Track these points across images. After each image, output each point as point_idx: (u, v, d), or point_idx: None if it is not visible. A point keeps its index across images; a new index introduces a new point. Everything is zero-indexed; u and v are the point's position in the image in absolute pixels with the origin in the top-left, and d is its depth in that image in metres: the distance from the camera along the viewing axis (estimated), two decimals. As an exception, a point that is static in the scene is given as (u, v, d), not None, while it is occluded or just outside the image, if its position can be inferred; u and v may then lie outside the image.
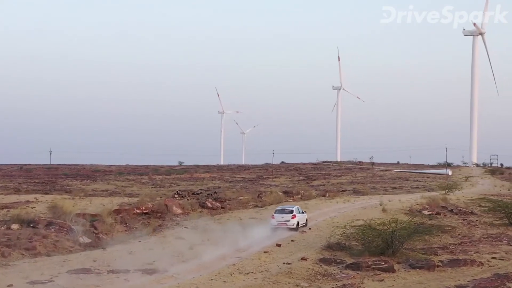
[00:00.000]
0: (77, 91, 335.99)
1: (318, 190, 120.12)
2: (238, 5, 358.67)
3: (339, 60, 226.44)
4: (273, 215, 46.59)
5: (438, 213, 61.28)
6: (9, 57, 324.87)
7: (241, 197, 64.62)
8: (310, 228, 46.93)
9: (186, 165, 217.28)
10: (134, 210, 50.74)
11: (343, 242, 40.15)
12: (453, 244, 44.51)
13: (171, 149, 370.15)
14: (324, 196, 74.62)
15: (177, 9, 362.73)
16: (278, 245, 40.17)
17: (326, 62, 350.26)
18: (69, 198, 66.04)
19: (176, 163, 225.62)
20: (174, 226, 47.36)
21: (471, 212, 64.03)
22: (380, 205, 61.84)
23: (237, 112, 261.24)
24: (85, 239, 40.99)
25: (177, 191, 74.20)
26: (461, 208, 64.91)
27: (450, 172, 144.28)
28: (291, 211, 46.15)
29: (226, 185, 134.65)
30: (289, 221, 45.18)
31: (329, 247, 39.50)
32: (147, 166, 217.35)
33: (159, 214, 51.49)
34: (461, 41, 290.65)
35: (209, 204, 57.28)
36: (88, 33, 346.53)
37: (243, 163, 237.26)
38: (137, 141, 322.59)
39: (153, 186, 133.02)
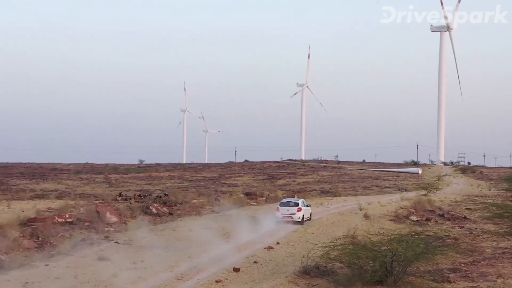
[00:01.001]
0: (37, 88, 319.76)
1: (284, 190, 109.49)
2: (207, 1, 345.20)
3: (309, 57, 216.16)
4: (278, 207, 44.59)
5: (428, 219, 50.12)
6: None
7: (195, 200, 52.61)
8: (278, 243, 35.13)
9: (146, 164, 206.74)
10: (55, 218, 38.45)
11: (324, 265, 28.47)
12: (464, 263, 33.17)
13: (133, 148, 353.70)
14: (293, 197, 62.90)
15: (142, 5, 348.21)
16: (236, 269, 28.30)
17: (293, 61, 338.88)
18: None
19: (137, 162, 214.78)
20: (101, 241, 35.13)
21: (465, 217, 52.92)
22: (360, 210, 50.51)
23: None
24: (-34, 263, 28.66)
25: (120, 193, 61.90)
26: (453, 213, 53.70)
27: (420, 171, 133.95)
28: (297, 204, 44.25)
29: (185, 185, 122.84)
30: (294, 214, 43.10)
31: (306, 272, 27.86)
32: (106, 165, 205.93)
33: (87, 224, 39.27)
34: (429, 39, 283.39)
35: (153, 210, 45.25)
36: (47, 29, 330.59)
37: (206, 162, 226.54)
38: (98, 139, 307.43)
39: (107, 186, 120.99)
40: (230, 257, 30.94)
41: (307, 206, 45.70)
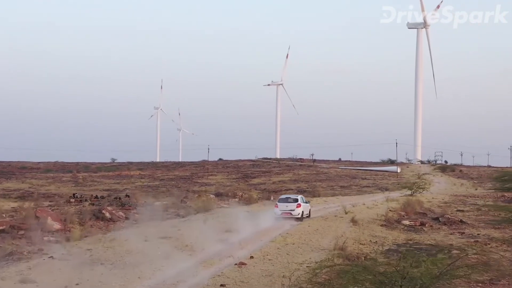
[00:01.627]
0: (9, 85, 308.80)
1: (259, 189, 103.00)
2: None
3: (287, 57, 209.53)
4: (276, 204, 43.13)
5: (422, 224, 43.27)
6: None
7: (158, 202, 45.24)
8: (252, 257, 27.93)
9: (118, 162, 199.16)
10: (-18, 226, 31.00)
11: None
12: (481, 282, 26.28)
13: (107, 146, 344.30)
14: (269, 199, 55.86)
15: (113, 2, 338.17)
16: (197, 297, 21.20)
17: (268, 59, 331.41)
18: None
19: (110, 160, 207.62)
20: (33, 255, 27.71)
21: (461, 221, 46.18)
22: (346, 213, 43.62)
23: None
24: None
25: (74, 194, 54.32)
26: (449, 216, 46.98)
27: (398, 170, 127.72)
28: (296, 200, 42.89)
29: (155, 184, 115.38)
30: (294, 210, 41.71)
31: (288, 301, 20.91)
32: (77, 163, 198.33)
33: (22, 232, 31.84)
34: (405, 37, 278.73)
35: (107, 214, 37.79)
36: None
37: (180, 160, 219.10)
38: (70, 137, 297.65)
39: (74, 185, 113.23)
40: (191, 277, 23.77)
41: (306, 202, 44.27)
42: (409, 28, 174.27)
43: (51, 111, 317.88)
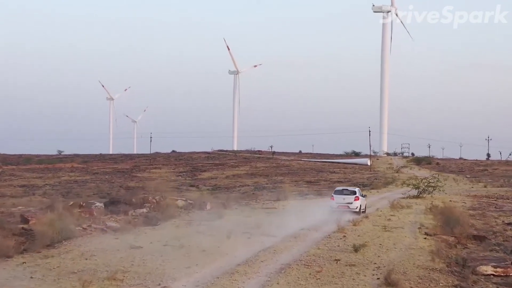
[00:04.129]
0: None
1: (208, 185, 78.62)
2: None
3: (228, 49, 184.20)
4: (332, 196, 35.66)
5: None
6: None
7: None
8: None
9: (64, 155, 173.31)
10: None
11: None
12: None
13: (60, 138, 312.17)
14: (201, 209, 30.79)
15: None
16: None
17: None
18: None
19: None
20: None
21: None
22: (356, 251, 18.77)
23: (126, 90, 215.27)
24: None
25: None
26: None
27: (369, 162, 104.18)
28: (354, 192, 35.20)
29: (85, 178, 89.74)
30: (351, 203, 34.16)
31: None
32: (20, 155, 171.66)
33: None
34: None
35: None
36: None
37: (135, 152, 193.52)
38: (17, 128, 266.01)
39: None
40: None
41: (363, 196, 36.32)
42: (374, 11, 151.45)
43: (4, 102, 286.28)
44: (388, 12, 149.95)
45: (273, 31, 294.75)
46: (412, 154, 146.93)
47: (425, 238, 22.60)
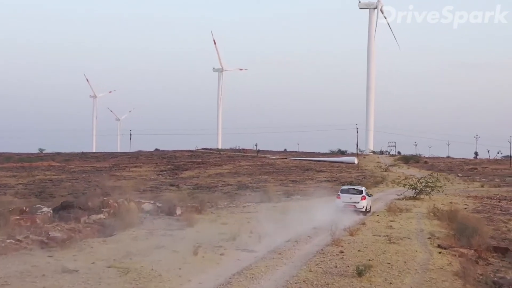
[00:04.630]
0: None
1: (189, 184, 74.24)
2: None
3: (215, 43, 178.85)
4: (338, 195, 34.39)
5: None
6: None
7: None
8: None
9: (46, 153, 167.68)
10: None
11: None
12: None
13: (43, 136, 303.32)
14: (185, 216, 25.81)
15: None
16: None
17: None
18: None
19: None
20: None
21: None
22: (359, 274, 14.00)
23: (110, 92, 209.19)
24: None
25: None
26: None
27: (355, 161, 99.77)
28: (360, 192, 33.84)
29: (60, 178, 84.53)
30: (358, 202, 32.80)
31: None
32: (0, 154, 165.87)
33: None
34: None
35: None
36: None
37: (118, 151, 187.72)
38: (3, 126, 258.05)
39: None
40: None
41: (369, 195, 34.63)
42: (360, 8, 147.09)
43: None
44: (374, 9, 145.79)
45: (259, 28, 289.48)
46: (399, 152, 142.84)
47: (440, 253, 17.99)
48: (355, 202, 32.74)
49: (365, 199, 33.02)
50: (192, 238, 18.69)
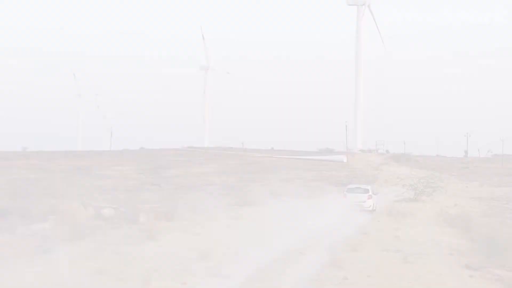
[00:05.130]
0: None
1: (171, 184, 69.53)
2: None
3: (203, 39, 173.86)
4: (345, 194, 34.78)
5: None
6: None
7: None
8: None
9: (30, 151, 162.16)
10: None
11: None
12: None
13: (28, 133, 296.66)
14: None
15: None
16: None
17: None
18: None
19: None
20: None
21: None
22: None
23: (96, 94, 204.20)
24: None
25: None
26: None
27: (344, 159, 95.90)
28: (367, 190, 34.03)
29: (32, 177, 79.80)
30: (364, 202, 32.94)
31: None
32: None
33: None
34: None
35: None
36: None
37: (104, 149, 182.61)
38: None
39: None
40: None
41: (375, 194, 34.86)
42: (349, 5, 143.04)
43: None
44: (362, 5, 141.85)
45: (247, 26, 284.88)
46: (387, 151, 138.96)
47: (471, 276, 13.62)
48: (362, 202, 32.60)
49: (371, 198, 32.88)
50: (150, 257, 14.23)
